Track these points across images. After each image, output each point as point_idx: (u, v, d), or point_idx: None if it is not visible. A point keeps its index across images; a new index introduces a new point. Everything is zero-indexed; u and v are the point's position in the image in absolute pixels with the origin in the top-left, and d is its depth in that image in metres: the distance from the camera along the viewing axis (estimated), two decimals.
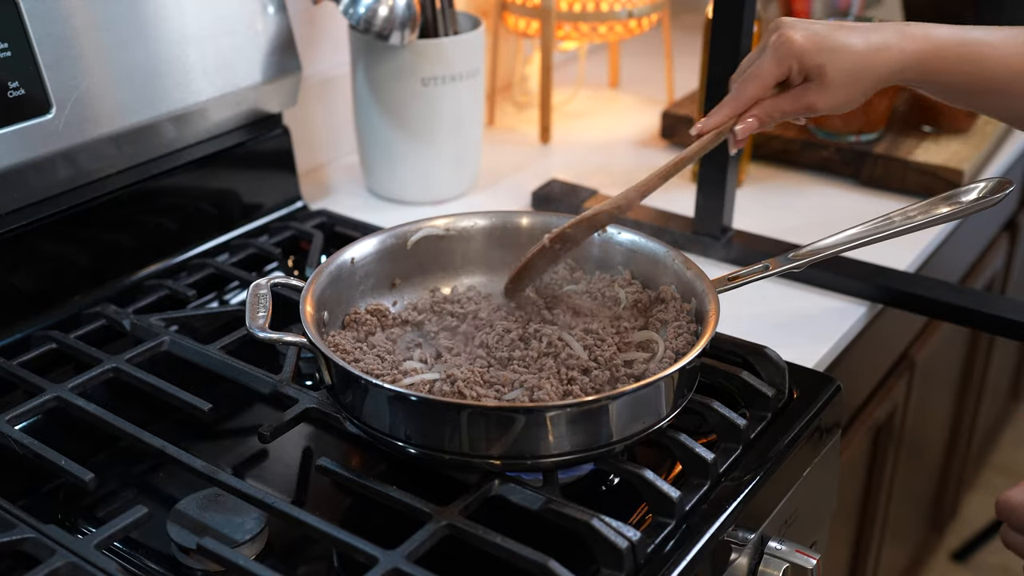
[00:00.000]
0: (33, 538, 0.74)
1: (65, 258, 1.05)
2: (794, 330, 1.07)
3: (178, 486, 0.84)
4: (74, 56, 0.99)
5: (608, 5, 1.50)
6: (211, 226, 1.19)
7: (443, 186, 1.35)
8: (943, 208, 0.92)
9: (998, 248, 1.77)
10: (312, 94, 1.39)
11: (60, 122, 0.98)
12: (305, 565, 0.79)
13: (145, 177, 1.10)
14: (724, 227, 1.18)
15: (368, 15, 1.19)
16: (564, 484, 0.82)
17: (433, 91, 1.27)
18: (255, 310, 0.85)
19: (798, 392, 0.93)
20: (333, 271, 0.91)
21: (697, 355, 0.79)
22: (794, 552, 0.86)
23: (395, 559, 0.70)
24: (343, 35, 1.38)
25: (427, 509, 0.75)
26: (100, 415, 0.86)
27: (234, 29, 1.14)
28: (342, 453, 0.91)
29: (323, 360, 0.81)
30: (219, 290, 1.14)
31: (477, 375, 0.81)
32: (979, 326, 1.11)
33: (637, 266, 0.95)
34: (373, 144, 1.33)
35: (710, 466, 0.81)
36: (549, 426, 0.75)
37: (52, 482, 0.85)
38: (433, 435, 0.76)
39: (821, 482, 0.95)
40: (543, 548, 0.71)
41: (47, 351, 0.97)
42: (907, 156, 1.38)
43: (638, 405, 0.78)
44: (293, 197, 1.28)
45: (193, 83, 1.10)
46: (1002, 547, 0.76)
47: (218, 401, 0.88)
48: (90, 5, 1.00)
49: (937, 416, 1.73)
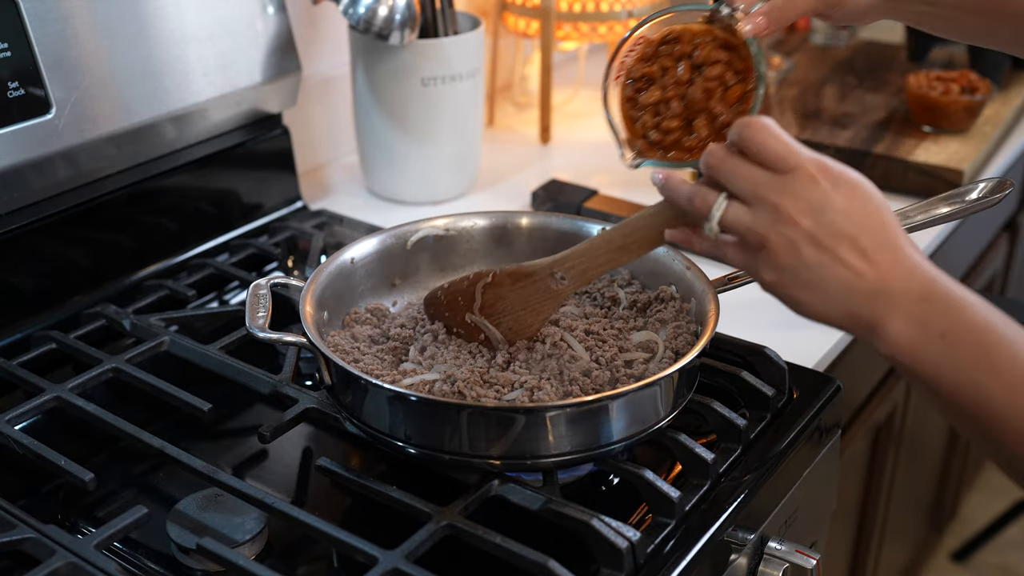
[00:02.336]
0: (33, 538, 0.74)
1: (65, 258, 1.05)
2: (794, 330, 1.06)
3: (178, 486, 0.84)
4: (74, 56, 0.99)
5: (608, 5, 1.50)
6: (211, 226, 1.19)
7: (443, 186, 1.35)
8: (943, 208, 0.92)
9: (998, 248, 1.77)
10: (312, 94, 1.39)
11: (60, 122, 0.98)
12: (305, 565, 0.79)
13: (145, 177, 1.10)
14: None
15: (368, 15, 1.19)
16: (564, 484, 0.82)
17: (433, 91, 1.27)
18: (255, 310, 0.85)
19: (798, 392, 0.93)
20: (333, 271, 0.91)
21: (697, 355, 0.79)
22: (794, 552, 0.86)
23: (395, 559, 0.70)
24: (343, 35, 1.38)
25: (427, 509, 0.75)
26: (100, 415, 0.86)
27: (234, 29, 1.14)
28: (342, 453, 0.91)
29: (323, 360, 0.81)
30: (219, 290, 1.14)
31: (477, 375, 0.81)
32: None
33: (637, 266, 0.95)
34: (373, 144, 1.33)
35: (710, 466, 0.81)
36: (549, 426, 0.75)
37: (52, 482, 0.85)
38: (433, 435, 0.76)
39: (821, 482, 0.95)
40: (543, 548, 0.71)
41: (47, 351, 0.97)
42: (907, 156, 1.38)
43: (638, 405, 0.78)
44: (293, 197, 1.28)
45: (193, 83, 1.10)
46: (1002, 547, 0.75)
47: (218, 401, 0.88)
48: (90, 5, 1.00)
49: (937, 416, 1.73)
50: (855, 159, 1.40)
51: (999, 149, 1.51)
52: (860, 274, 0.63)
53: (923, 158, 1.38)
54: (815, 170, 0.64)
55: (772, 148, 0.64)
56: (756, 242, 0.65)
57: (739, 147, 0.66)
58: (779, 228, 0.64)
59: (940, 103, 1.44)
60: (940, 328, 0.62)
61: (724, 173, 0.66)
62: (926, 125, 1.46)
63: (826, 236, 0.63)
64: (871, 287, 0.63)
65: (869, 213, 0.64)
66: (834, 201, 0.63)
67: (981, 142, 1.43)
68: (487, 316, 0.86)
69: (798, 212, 0.63)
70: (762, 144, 0.64)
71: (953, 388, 0.63)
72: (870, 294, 0.63)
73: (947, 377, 0.63)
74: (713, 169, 0.67)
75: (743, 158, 0.66)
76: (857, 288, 0.63)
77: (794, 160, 0.64)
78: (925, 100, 1.45)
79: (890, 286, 0.63)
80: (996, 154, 1.49)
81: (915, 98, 1.46)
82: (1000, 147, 1.51)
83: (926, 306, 0.63)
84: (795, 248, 0.64)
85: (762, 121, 0.65)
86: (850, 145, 1.42)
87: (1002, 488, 2.27)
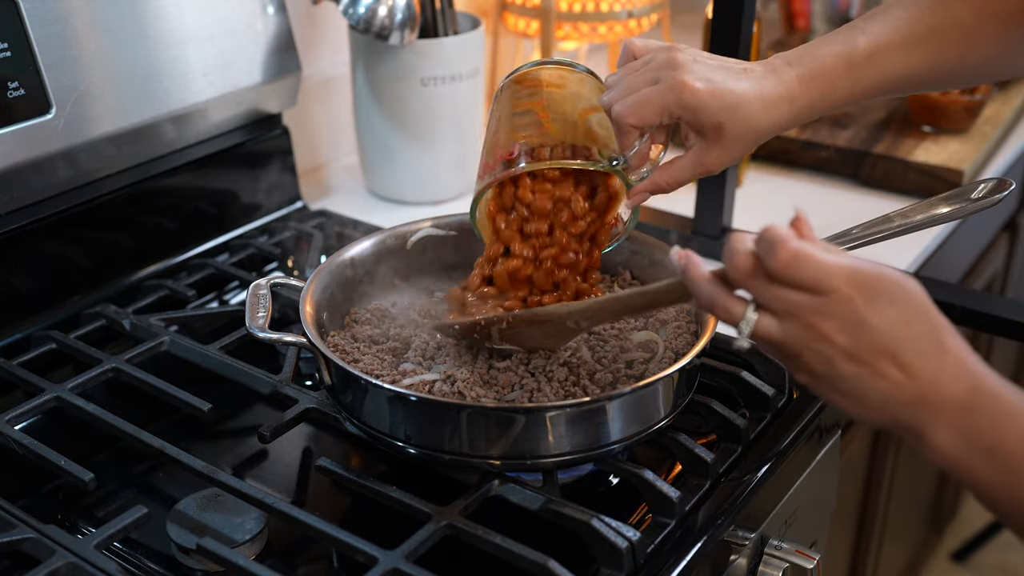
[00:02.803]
0: (33, 538, 0.74)
1: (65, 258, 1.05)
2: None
3: (178, 486, 0.84)
4: (74, 56, 0.99)
5: (608, 5, 1.49)
6: (211, 226, 1.19)
7: (443, 186, 1.35)
8: (943, 208, 0.92)
9: (998, 248, 1.77)
10: (312, 94, 1.39)
11: (60, 122, 0.98)
12: (305, 565, 0.79)
13: (145, 177, 1.10)
14: (724, 227, 1.18)
15: (368, 15, 1.19)
16: (564, 484, 0.82)
17: (433, 91, 1.27)
18: (255, 310, 0.85)
19: (798, 392, 0.93)
20: (333, 271, 0.91)
21: (697, 355, 0.79)
22: (794, 552, 0.86)
23: (395, 559, 0.70)
24: (343, 35, 1.38)
25: (427, 509, 0.75)
26: (100, 415, 0.86)
27: (234, 29, 1.14)
28: (342, 453, 0.91)
29: (323, 360, 0.81)
30: (219, 290, 1.14)
31: (477, 376, 0.81)
32: (979, 326, 1.10)
33: (637, 266, 0.95)
34: (373, 144, 1.33)
35: (710, 466, 0.81)
36: (549, 426, 0.75)
37: (52, 482, 0.85)
38: (433, 435, 0.76)
39: (821, 482, 0.95)
40: (543, 548, 0.71)
41: (47, 351, 0.97)
42: (907, 156, 1.38)
43: (638, 405, 0.78)
44: (293, 197, 1.28)
45: (193, 83, 1.10)
46: (1002, 547, 0.74)
47: (218, 401, 0.88)
48: (90, 5, 1.00)
49: None
50: (855, 159, 1.40)
51: (999, 149, 1.51)
52: (900, 386, 0.60)
53: (923, 158, 1.38)
54: (851, 288, 0.59)
55: (804, 277, 0.59)
56: (789, 353, 0.62)
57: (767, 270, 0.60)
58: (813, 345, 0.60)
59: (940, 103, 1.44)
60: (987, 442, 0.59)
61: (752, 289, 0.62)
62: (926, 125, 1.46)
63: (864, 352, 0.60)
64: (913, 398, 0.60)
65: (909, 323, 0.60)
66: (871, 319, 0.59)
67: (981, 142, 1.43)
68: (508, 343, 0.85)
69: (833, 331, 0.60)
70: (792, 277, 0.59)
71: (1005, 501, 0.60)
72: (912, 405, 0.60)
73: (998, 491, 0.60)
74: (739, 284, 0.62)
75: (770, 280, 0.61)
76: (898, 399, 0.60)
77: (829, 284, 0.59)
78: (925, 100, 1.45)
79: (932, 396, 0.60)
80: (996, 154, 1.49)
81: (915, 98, 1.46)
82: (1000, 147, 1.51)
83: (970, 418, 0.59)
84: (831, 362, 0.60)
85: (790, 249, 0.59)
86: (850, 145, 1.42)
87: None
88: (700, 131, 0.82)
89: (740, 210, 1.24)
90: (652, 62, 0.81)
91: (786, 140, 1.44)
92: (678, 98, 0.79)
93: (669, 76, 0.79)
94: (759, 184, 1.41)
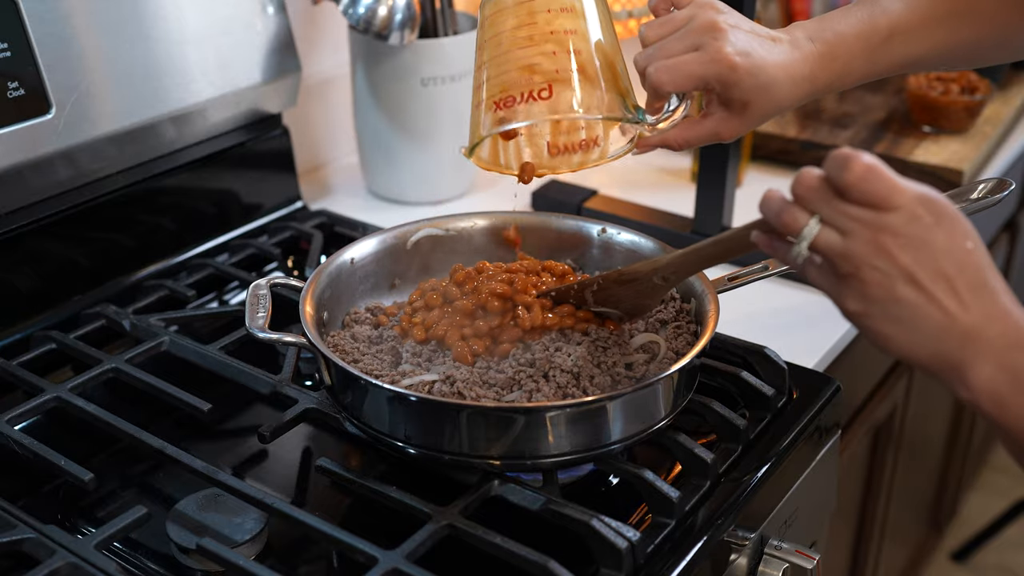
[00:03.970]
0: (33, 538, 0.74)
1: (65, 258, 1.05)
2: (794, 330, 1.07)
3: (178, 486, 0.84)
4: (74, 56, 0.99)
5: None
6: (211, 226, 1.19)
7: (443, 186, 1.35)
8: None
9: (998, 248, 1.77)
10: (312, 94, 1.39)
11: (60, 122, 0.98)
12: (305, 565, 0.79)
13: (145, 177, 1.10)
14: (724, 227, 1.18)
15: (368, 15, 1.19)
16: (564, 484, 0.82)
17: (433, 91, 1.27)
18: (255, 310, 0.85)
19: (798, 392, 0.93)
20: (333, 271, 0.91)
21: (697, 355, 0.79)
22: (794, 552, 0.86)
23: (395, 559, 0.70)
24: (343, 35, 1.38)
25: (427, 509, 0.75)
26: (100, 415, 0.86)
27: (234, 29, 1.14)
28: (342, 453, 0.91)
29: (323, 360, 0.81)
30: (219, 290, 1.14)
31: (476, 376, 0.81)
32: None
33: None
34: (373, 144, 1.33)
35: (710, 466, 0.81)
36: (548, 426, 0.75)
37: (52, 482, 0.85)
38: (433, 435, 0.76)
39: (821, 482, 0.95)
40: (543, 548, 0.71)
41: (47, 351, 0.97)
42: (907, 156, 1.38)
43: (637, 405, 0.78)
44: (293, 197, 1.28)
45: (193, 83, 1.10)
46: (1002, 547, 0.74)
47: (218, 401, 0.88)
48: (90, 5, 1.00)
49: (937, 416, 1.73)
50: None
51: (999, 149, 1.51)
52: (954, 316, 0.59)
53: (923, 158, 1.38)
54: (918, 205, 0.60)
55: (876, 191, 0.59)
56: (847, 271, 0.61)
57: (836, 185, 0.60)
58: (875, 261, 0.60)
59: (940, 103, 1.44)
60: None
61: (815, 205, 0.62)
62: (926, 125, 1.46)
63: (925, 274, 0.59)
64: (964, 329, 0.59)
65: (968, 252, 0.60)
66: (936, 238, 0.59)
67: (981, 142, 1.43)
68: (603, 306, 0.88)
69: (898, 247, 0.59)
70: (864, 190, 0.59)
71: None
72: (962, 337, 0.60)
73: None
74: (802, 200, 0.62)
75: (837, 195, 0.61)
76: (950, 330, 0.59)
77: (898, 200, 0.59)
78: (925, 100, 1.45)
79: (984, 330, 0.59)
80: (996, 154, 1.49)
81: (915, 98, 1.46)
82: (1000, 147, 1.51)
83: (1018, 354, 0.59)
84: (890, 283, 0.60)
85: (864, 163, 0.59)
86: (850, 145, 1.41)
87: (1002, 488, 2.27)
88: (727, 104, 0.83)
89: (740, 210, 1.24)
90: (693, 23, 0.81)
91: (786, 140, 1.44)
92: (717, 73, 0.80)
93: (711, 46, 0.79)
94: (759, 184, 1.41)
